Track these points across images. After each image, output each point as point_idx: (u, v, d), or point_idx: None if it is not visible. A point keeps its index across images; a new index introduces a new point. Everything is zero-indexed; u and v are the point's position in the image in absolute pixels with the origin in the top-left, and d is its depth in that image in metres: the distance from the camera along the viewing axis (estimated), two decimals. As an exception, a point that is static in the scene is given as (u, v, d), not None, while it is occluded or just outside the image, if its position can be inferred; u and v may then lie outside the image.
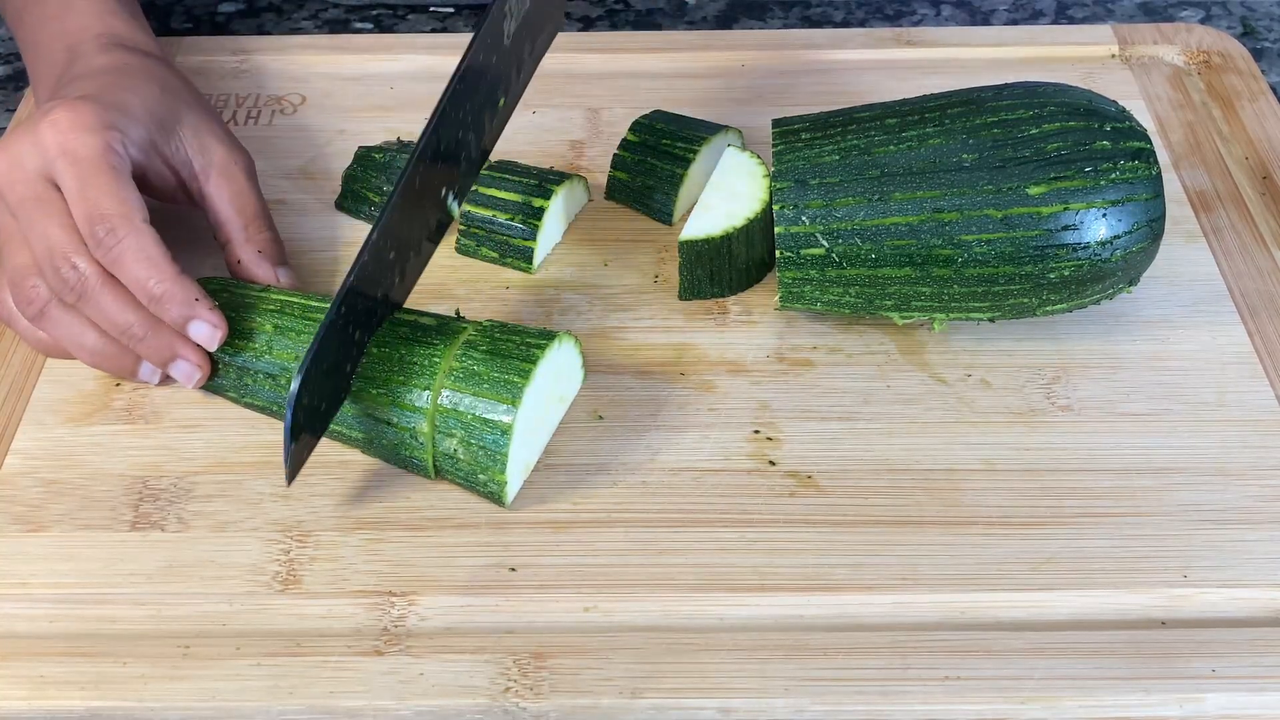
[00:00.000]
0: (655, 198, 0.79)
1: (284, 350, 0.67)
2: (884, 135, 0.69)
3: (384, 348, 0.65)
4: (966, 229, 0.67)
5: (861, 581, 0.61)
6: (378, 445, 0.65)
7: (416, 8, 1.02)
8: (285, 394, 0.66)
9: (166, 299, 0.66)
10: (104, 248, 0.66)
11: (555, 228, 0.77)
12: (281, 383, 0.67)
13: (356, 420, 0.65)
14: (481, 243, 0.77)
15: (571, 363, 0.68)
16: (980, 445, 0.67)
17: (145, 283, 0.66)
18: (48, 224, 0.67)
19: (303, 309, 0.68)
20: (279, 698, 0.57)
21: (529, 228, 0.75)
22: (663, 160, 0.79)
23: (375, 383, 0.64)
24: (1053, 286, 0.68)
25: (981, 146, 0.67)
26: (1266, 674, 0.58)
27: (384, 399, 0.64)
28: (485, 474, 0.63)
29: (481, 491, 0.64)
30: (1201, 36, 0.93)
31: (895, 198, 0.68)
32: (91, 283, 0.66)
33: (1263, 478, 0.66)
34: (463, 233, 0.77)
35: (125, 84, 0.73)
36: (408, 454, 0.64)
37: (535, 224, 0.75)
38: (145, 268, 0.66)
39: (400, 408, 0.64)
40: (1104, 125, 0.68)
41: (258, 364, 0.67)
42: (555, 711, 0.57)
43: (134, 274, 0.66)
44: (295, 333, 0.67)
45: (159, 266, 0.66)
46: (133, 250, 0.66)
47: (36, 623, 0.60)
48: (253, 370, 0.67)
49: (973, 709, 0.57)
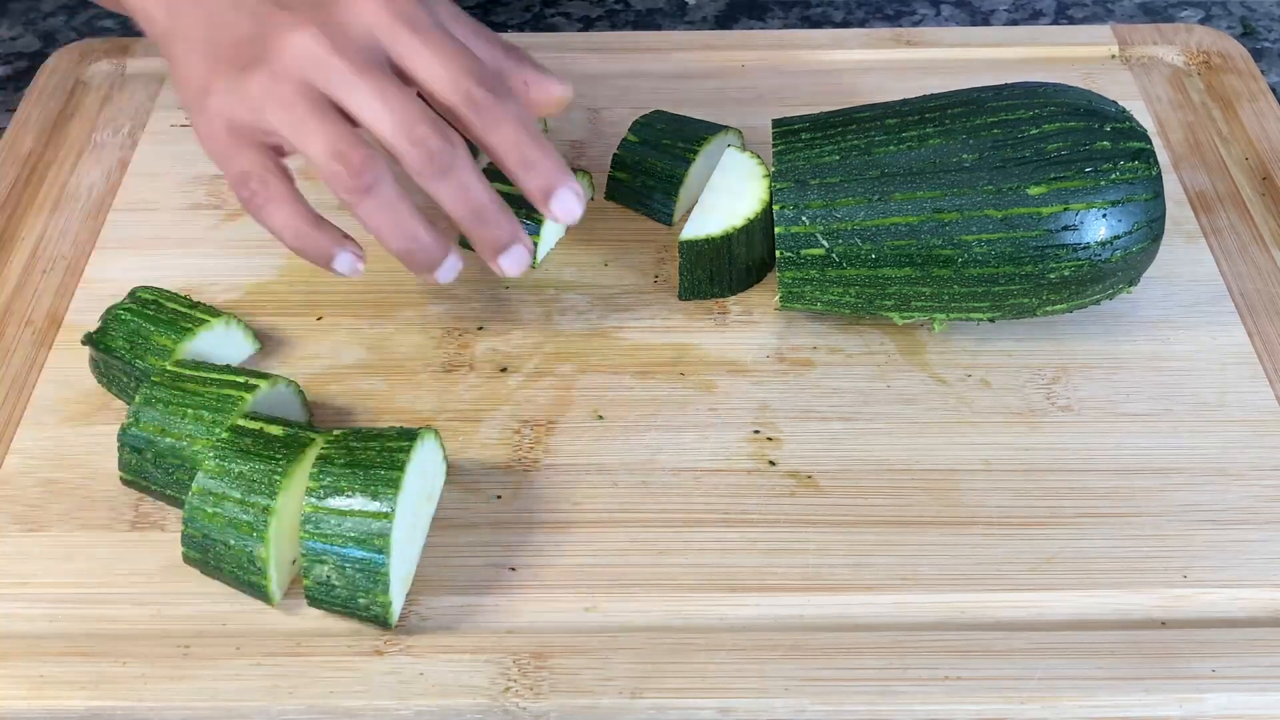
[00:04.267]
0: (655, 198, 0.79)
1: (149, 422, 0.63)
2: (884, 135, 0.69)
3: (223, 461, 0.60)
4: (966, 229, 0.67)
5: (861, 581, 0.61)
6: (214, 567, 0.60)
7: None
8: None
9: (542, 163, 0.64)
10: (482, 110, 0.63)
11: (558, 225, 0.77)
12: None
13: (191, 539, 0.60)
14: None
15: (435, 457, 0.63)
16: (980, 445, 0.67)
17: (520, 147, 0.64)
18: (403, 94, 0.62)
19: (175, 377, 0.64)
20: (279, 698, 0.57)
21: (533, 223, 0.75)
22: (663, 160, 0.79)
23: (211, 500, 0.59)
24: (1053, 286, 0.68)
25: (982, 147, 0.67)
26: (1266, 674, 0.58)
27: (219, 519, 0.59)
28: (366, 596, 0.58)
29: (363, 616, 0.59)
30: (1201, 37, 0.93)
31: (895, 198, 0.68)
32: (464, 156, 0.63)
33: (1263, 478, 0.66)
34: None
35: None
36: (247, 579, 0.59)
37: (539, 219, 0.75)
38: (522, 131, 0.64)
39: (237, 529, 0.59)
40: (1104, 125, 0.68)
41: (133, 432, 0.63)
42: (555, 711, 0.57)
43: (510, 138, 0.64)
44: (164, 404, 0.63)
45: (534, 132, 0.64)
46: (513, 113, 0.64)
47: (36, 623, 0.60)
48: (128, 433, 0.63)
49: (973, 709, 0.57)
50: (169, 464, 0.62)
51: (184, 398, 0.63)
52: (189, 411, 0.62)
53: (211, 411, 0.62)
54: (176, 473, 0.62)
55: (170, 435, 0.62)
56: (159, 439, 0.62)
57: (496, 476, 0.66)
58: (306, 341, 0.73)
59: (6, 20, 1.02)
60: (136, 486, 0.64)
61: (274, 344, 0.73)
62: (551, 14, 1.02)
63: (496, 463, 0.67)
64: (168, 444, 0.62)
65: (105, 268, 0.77)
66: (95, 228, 0.79)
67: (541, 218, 0.75)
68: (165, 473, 0.62)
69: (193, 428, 0.62)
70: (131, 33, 1.00)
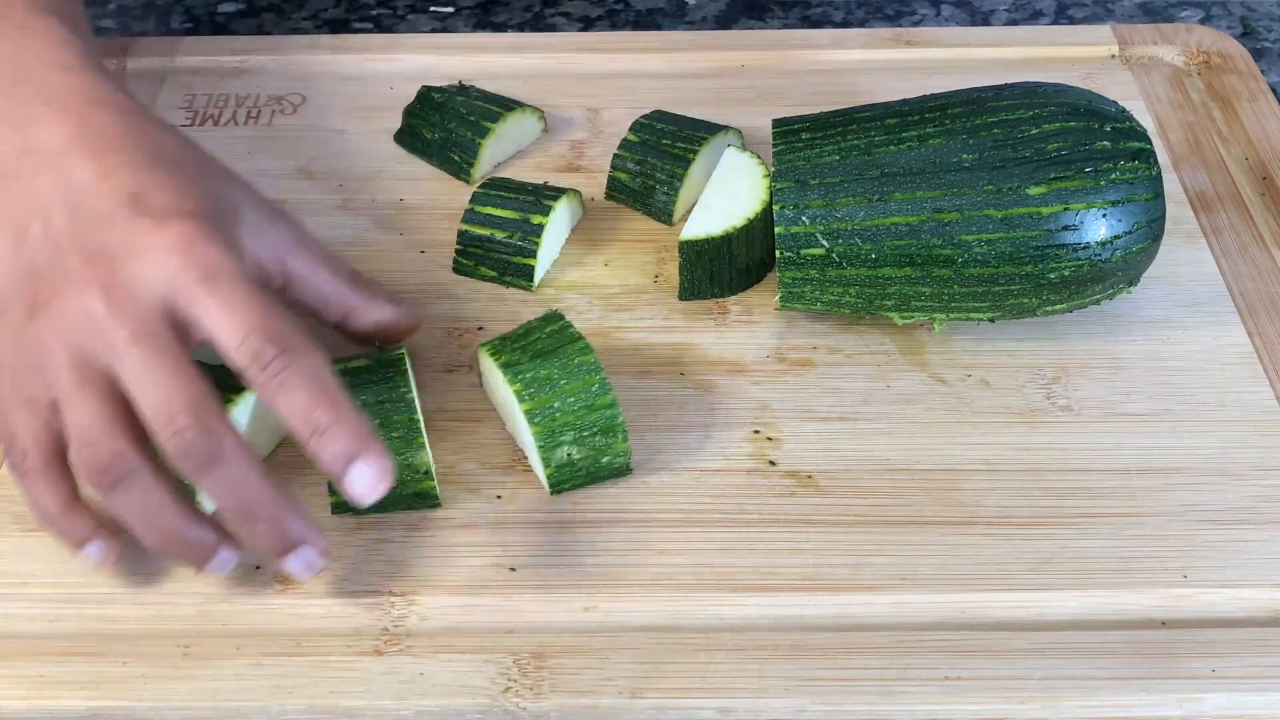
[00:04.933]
0: (655, 198, 0.79)
1: None
2: (884, 135, 0.69)
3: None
4: (967, 229, 0.67)
5: (861, 581, 0.61)
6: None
7: (416, 8, 1.02)
8: None
9: (335, 429, 0.56)
10: (269, 372, 0.56)
11: (554, 243, 0.77)
12: None
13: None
14: (480, 262, 0.75)
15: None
16: (980, 445, 0.67)
17: (310, 412, 0.56)
18: (173, 373, 0.56)
19: None
20: (279, 698, 0.57)
21: (529, 245, 0.75)
22: (663, 160, 0.79)
23: None
24: (1053, 286, 0.68)
25: (982, 147, 0.67)
26: (1266, 674, 0.58)
27: None
28: (609, 454, 0.64)
29: (605, 475, 0.65)
30: (1201, 37, 0.93)
31: (895, 198, 0.68)
32: (231, 446, 0.56)
33: (1263, 478, 0.66)
34: (460, 252, 0.76)
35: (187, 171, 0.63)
36: (413, 490, 0.63)
37: (535, 241, 0.74)
38: (315, 393, 0.56)
39: (391, 450, 0.60)
40: (1104, 125, 0.68)
41: None
42: (555, 711, 0.57)
43: (299, 402, 0.56)
44: None
45: (330, 393, 0.57)
46: (305, 372, 0.57)
47: (36, 623, 0.60)
48: None
49: (973, 709, 0.57)
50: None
51: None
52: None
53: None
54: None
55: None
56: None
57: (496, 476, 0.66)
58: (306, 341, 0.73)
59: (6, 20, 1.02)
60: None
61: (274, 344, 0.72)
62: (551, 14, 1.02)
63: (497, 463, 0.67)
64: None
65: (105, 268, 0.77)
66: (95, 228, 0.79)
67: (536, 238, 0.74)
68: None
69: None
70: (131, 33, 1.00)
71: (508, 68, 0.91)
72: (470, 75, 0.89)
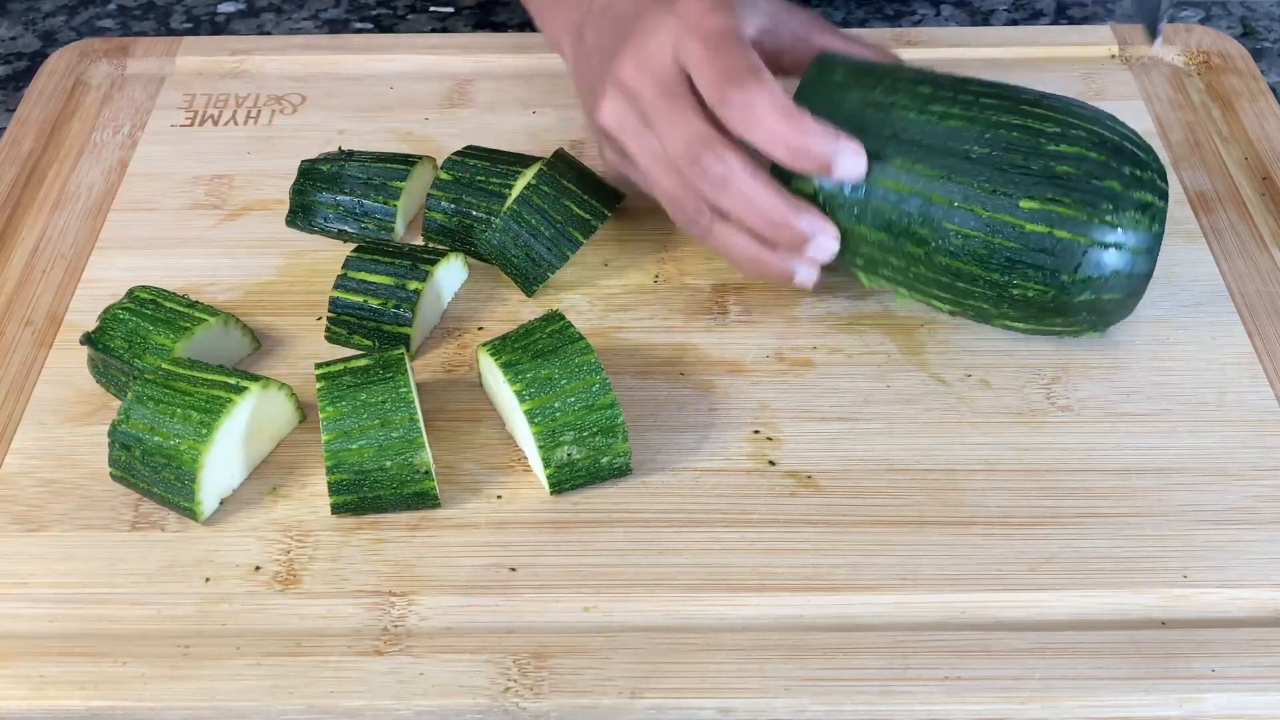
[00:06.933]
0: (474, 236, 0.76)
1: (139, 419, 0.63)
2: (909, 99, 0.68)
3: (338, 402, 0.63)
4: (949, 217, 0.66)
5: (861, 581, 0.61)
6: (371, 499, 0.63)
7: (416, 8, 1.02)
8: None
9: (809, 142, 0.65)
10: (734, 106, 0.64)
11: (433, 310, 0.73)
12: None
13: (342, 485, 0.63)
14: (353, 330, 0.71)
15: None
16: (980, 445, 0.67)
17: (783, 135, 0.65)
18: (682, 115, 0.66)
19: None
20: (279, 698, 0.57)
21: (405, 312, 0.70)
22: (479, 197, 0.76)
23: (348, 438, 0.63)
24: (1013, 302, 0.67)
25: (996, 143, 0.66)
26: (1266, 674, 0.58)
27: (366, 451, 0.63)
28: (608, 454, 0.64)
29: (605, 475, 0.65)
30: (1201, 37, 0.93)
31: (895, 162, 0.67)
32: (735, 169, 0.65)
33: (1263, 478, 0.66)
34: (332, 320, 0.71)
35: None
36: (412, 490, 0.63)
37: (411, 308, 0.70)
38: (780, 119, 0.64)
39: (391, 450, 0.63)
40: (1123, 167, 0.66)
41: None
42: (555, 711, 0.57)
43: (769, 127, 0.65)
44: (154, 402, 0.63)
45: (793, 116, 0.65)
46: (766, 102, 0.64)
47: (36, 623, 0.60)
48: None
49: (973, 709, 0.57)
50: (156, 462, 0.62)
51: (174, 397, 0.63)
52: (178, 411, 0.62)
53: (200, 412, 0.62)
54: (164, 471, 0.62)
55: (159, 434, 0.62)
56: (148, 437, 0.62)
57: (496, 476, 0.66)
58: (305, 341, 0.73)
59: (6, 20, 1.02)
60: (125, 483, 0.64)
61: (272, 344, 0.73)
62: (551, 14, 1.02)
63: (496, 463, 0.67)
64: (156, 442, 0.62)
65: (105, 267, 0.77)
66: (95, 228, 0.80)
67: (411, 305, 0.70)
68: (153, 470, 0.62)
69: (180, 427, 0.62)
70: (131, 32, 1.00)
71: (508, 68, 0.91)
72: (470, 75, 0.89)
